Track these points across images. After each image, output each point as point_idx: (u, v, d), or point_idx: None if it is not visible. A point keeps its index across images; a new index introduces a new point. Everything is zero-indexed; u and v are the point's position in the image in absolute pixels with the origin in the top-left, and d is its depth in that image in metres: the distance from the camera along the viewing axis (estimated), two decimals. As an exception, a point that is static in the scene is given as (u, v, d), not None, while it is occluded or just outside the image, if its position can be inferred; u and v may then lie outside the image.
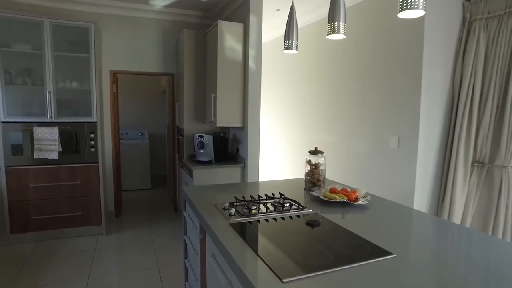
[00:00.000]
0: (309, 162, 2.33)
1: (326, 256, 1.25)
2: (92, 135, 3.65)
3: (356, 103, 3.62)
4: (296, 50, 2.08)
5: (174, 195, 4.80)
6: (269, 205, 1.90)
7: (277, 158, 5.49)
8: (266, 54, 5.70)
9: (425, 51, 2.79)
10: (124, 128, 6.47)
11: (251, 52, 3.49)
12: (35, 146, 3.45)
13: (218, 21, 3.41)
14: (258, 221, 1.68)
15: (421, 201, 2.95)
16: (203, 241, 1.82)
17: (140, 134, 6.39)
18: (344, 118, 3.81)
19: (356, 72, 3.60)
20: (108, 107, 4.29)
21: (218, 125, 3.50)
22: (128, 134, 6.31)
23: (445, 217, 2.84)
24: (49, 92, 3.48)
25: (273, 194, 2.03)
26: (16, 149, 3.45)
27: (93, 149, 3.67)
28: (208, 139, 3.65)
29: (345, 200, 1.96)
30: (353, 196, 1.99)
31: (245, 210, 1.78)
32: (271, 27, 5.06)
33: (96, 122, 3.66)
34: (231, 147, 4.00)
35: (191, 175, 3.56)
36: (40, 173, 3.53)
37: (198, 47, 3.94)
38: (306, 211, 1.83)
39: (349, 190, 2.11)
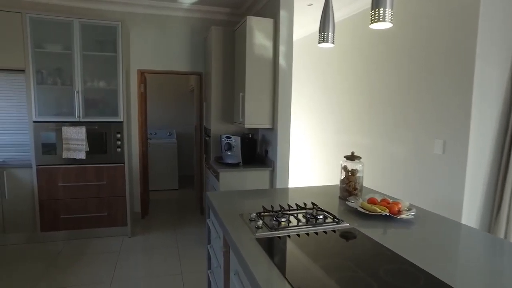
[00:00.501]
0: (344, 168, 2.11)
1: (369, 286, 1.05)
2: (119, 135, 3.60)
3: (394, 103, 3.34)
4: (332, 43, 1.87)
5: (200, 197, 4.70)
6: (300, 216, 1.70)
7: (306, 160, 5.26)
8: (296, 53, 5.48)
9: (478, 45, 2.47)
10: (153, 127, 6.48)
11: (282, 49, 3.30)
12: (64, 145, 3.45)
13: (247, 16, 3.25)
14: (288, 236, 1.49)
15: (470, 214, 2.63)
16: (226, 255, 1.66)
17: (168, 134, 6.37)
18: (381, 119, 3.53)
19: (394, 69, 3.32)
20: (136, 107, 4.25)
21: (246, 126, 3.34)
22: (156, 134, 6.31)
23: (501, 233, 2.51)
24: (77, 92, 3.47)
25: (304, 204, 1.84)
26: (46, 148, 3.47)
27: (119, 150, 3.62)
28: (235, 141, 3.50)
29: (387, 214, 1.73)
30: (396, 209, 1.76)
31: (274, 222, 1.60)
32: (300, 24, 4.84)
33: (122, 122, 3.61)
34: (260, 149, 3.83)
35: (217, 177, 3.42)
36: (69, 172, 3.53)
37: (226, 45, 3.80)
38: (342, 225, 1.62)
39: (390, 201, 1.87)
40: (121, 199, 3.70)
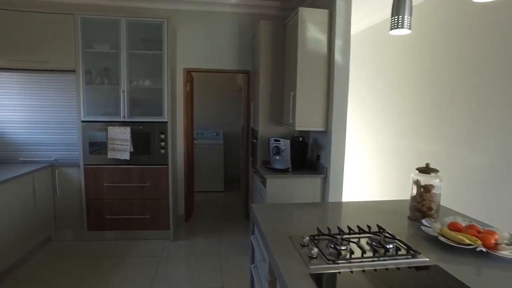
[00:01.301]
0: (416, 183, 1.74)
1: None
2: (163, 136, 3.49)
3: (469, 101, 2.83)
4: (409, 29, 1.51)
5: (246, 201, 4.48)
6: (364, 243, 1.38)
7: (356, 167, 4.81)
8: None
9: None
10: (200, 127, 6.41)
11: (338, 43, 2.95)
12: (109, 145, 3.40)
13: (299, 8, 2.95)
14: (351, 272, 1.18)
15: None
16: (272, 286, 1.38)
17: (215, 134, 6.26)
18: (453, 121, 3.03)
19: (470, 60, 2.81)
20: (181, 107, 4.14)
21: (297, 128, 3.04)
22: (203, 134, 6.22)
23: None
24: (123, 91, 3.41)
25: (368, 228, 1.50)
26: (93, 148, 3.45)
27: (163, 151, 3.51)
28: (285, 144, 3.21)
29: (481, 249, 1.33)
30: (492, 241, 1.36)
31: (332, 250, 1.30)
32: (355, 19, 4.40)
33: (167, 122, 3.49)
34: (311, 154, 3.51)
35: (264, 183, 3.16)
36: (113, 173, 3.49)
37: (276, 41, 3.52)
38: (419, 259, 1.27)
39: (481, 229, 1.47)
40: (164, 201, 3.58)
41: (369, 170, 4.55)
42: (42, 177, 3.33)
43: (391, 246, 1.31)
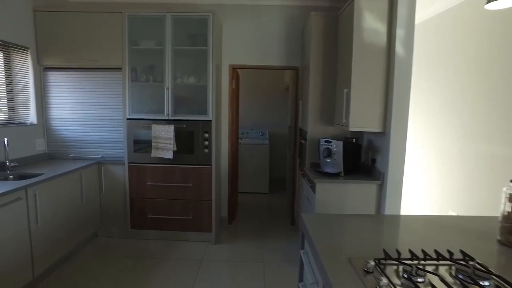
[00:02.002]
0: (511, 198, 1.39)
1: None
2: (207, 135, 3.36)
3: None
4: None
5: (292, 205, 4.23)
6: (446, 273, 1.09)
7: (417, 173, 4.34)
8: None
9: None
10: (245, 127, 6.27)
11: (399, 33, 2.61)
12: (153, 144, 3.34)
13: (356, -5, 2.65)
14: (434, 316, 0.90)
15: None
16: (327, 318, 1.14)
17: (260, 134, 6.08)
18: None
19: None
20: (226, 105, 4.00)
21: (351, 128, 2.74)
22: (248, 134, 6.07)
23: None
24: (167, 89, 3.33)
25: (450, 254, 1.20)
26: (137, 146, 3.42)
27: (206, 150, 3.38)
28: (337, 146, 2.93)
29: None
30: None
31: (405, 281, 1.03)
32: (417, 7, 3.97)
33: (211, 120, 3.36)
34: (365, 157, 3.18)
35: (313, 188, 2.90)
36: (156, 172, 3.43)
37: (328, 33, 3.24)
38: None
39: None
40: (206, 203, 3.46)
41: (430, 178, 4.08)
42: (89, 174, 3.35)
43: (487, 283, 1.01)
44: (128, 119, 3.38)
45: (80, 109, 3.47)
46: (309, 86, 3.32)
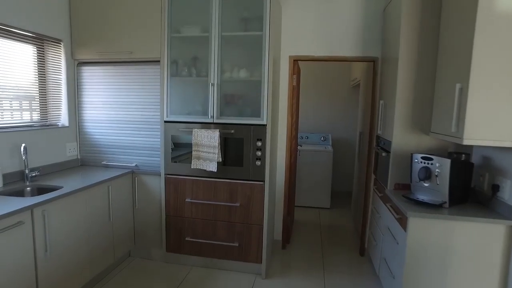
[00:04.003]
0: None
1: None
2: (259, 144, 2.66)
3: None
4: None
5: (362, 231, 3.37)
6: None
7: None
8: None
9: None
10: (304, 130, 5.49)
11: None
12: (193, 153, 2.73)
13: None
14: None
15: None
16: None
17: (322, 139, 5.25)
18: None
19: None
20: (285, 106, 3.27)
21: (467, 141, 1.85)
22: (308, 139, 5.28)
23: None
24: (213, 85, 2.69)
25: None
26: (175, 154, 2.84)
27: (259, 163, 2.68)
28: (441, 165, 2.04)
29: None
30: None
31: None
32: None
33: (265, 125, 2.65)
34: (477, 182, 2.24)
35: (402, 223, 2.07)
36: (197, 186, 2.82)
37: (424, 10, 2.35)
38: None
39: None
40: (256, 228, 2.76)
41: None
42: (121, 185, 2.85)
43: None
44: (166, 121, 2.82)
45: (114, 109, 2.99)
46: (397, 81, 2.45)
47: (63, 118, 3.00)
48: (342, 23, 3.09)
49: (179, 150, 2.86)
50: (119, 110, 2.98)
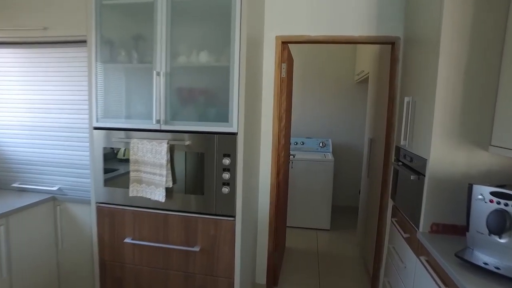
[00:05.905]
0: None
1: None
2: (227, 161, 1.80)
3: None
4: None
5: (373, 275, 2.51)
6: None
7: None
8: None
9: None
10: (297, 135, 4.63)
11: None
12: (132, 174, 1.87)
13: None
14: None
15: None
16: None
17: (321, 145, 4.39)
18: None
19: None
20: (270, 105, 2.42)
21: None
22: (303, 145, 4.42)
23: None
24: (158, 74, 1.82)
25: None
26: (109, 176, 1.98)
27: (226, 189, 1.82)
28: (524, 211, 1.19)
29: None
30: None
31: None
32: None
33: (236, 134, 1.79)
34: None
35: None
36: (141, 221, 1.96)
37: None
38: None
39: None
40: (224, 282, 1.90)
41: None
42: (40, 214, 2.00)
43: None
44: (95, 128, 1.95)
45: (29, 111, 2.13)
46: (438, 72, 1.59)
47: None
48: (348, -8, 2.24)
49: (120, 167, 1.99)
50: (35, 112, 2.12)
